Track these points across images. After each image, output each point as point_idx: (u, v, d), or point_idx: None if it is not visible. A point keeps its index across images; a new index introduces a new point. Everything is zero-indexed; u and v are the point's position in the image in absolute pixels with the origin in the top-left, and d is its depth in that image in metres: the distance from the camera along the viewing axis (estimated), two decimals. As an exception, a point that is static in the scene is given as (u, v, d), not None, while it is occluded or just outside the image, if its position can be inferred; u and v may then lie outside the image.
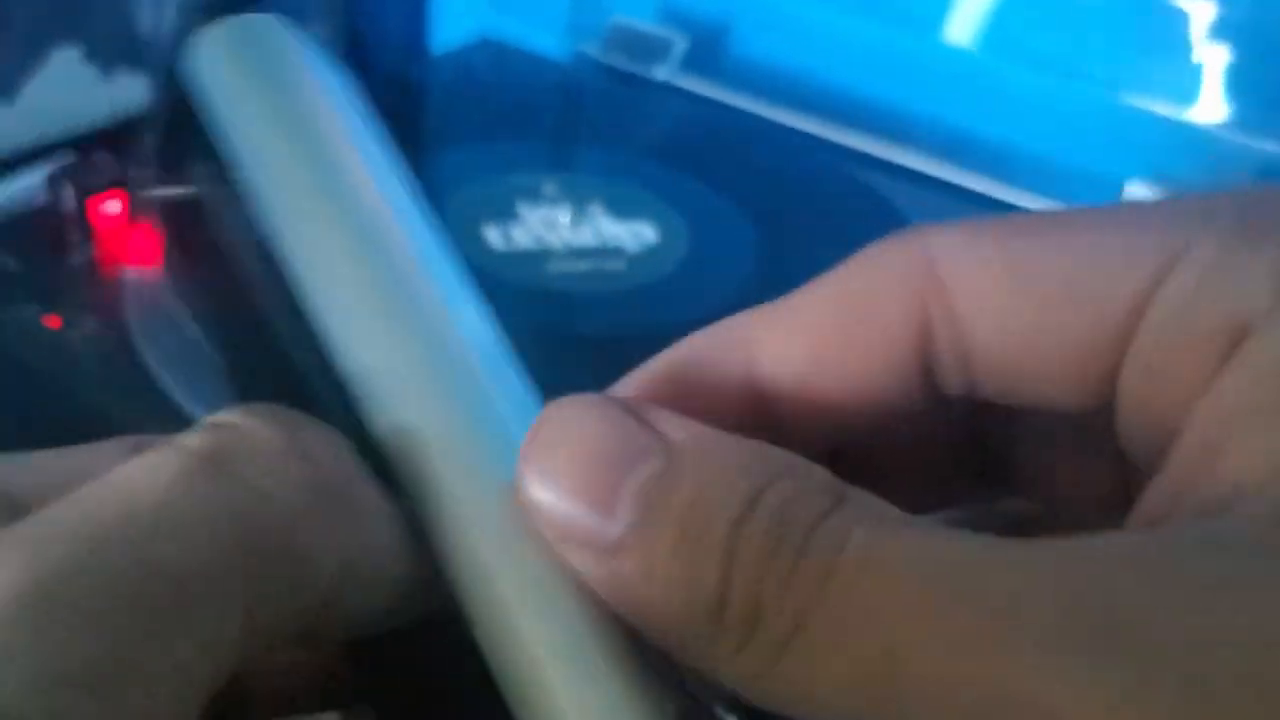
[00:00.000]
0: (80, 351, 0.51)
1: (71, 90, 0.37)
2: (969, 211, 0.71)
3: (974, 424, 0.25)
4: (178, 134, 0.35)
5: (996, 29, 0.76)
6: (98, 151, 0.59)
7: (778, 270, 0.60)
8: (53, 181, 0.56)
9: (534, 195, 0.63)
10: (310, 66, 0.24)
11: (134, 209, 0.57)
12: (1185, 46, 0.70)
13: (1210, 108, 0.71)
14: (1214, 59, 0.70)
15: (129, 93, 0.61)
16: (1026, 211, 0.73)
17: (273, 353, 0.24)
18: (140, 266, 0.54)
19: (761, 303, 0.27)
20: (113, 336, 0.52)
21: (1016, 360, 0.21)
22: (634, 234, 0.61)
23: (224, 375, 0.44)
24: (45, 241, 0.56)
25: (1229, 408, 0.18)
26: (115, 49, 0.61)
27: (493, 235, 0.59)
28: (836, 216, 0.67)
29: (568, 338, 0.55)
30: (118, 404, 0.49)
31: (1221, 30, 0.69)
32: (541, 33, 0.90)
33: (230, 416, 0.20)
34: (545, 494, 0.19)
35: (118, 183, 0.57)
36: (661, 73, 0.82)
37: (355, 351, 0.21)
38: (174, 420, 0.48)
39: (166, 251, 0.54)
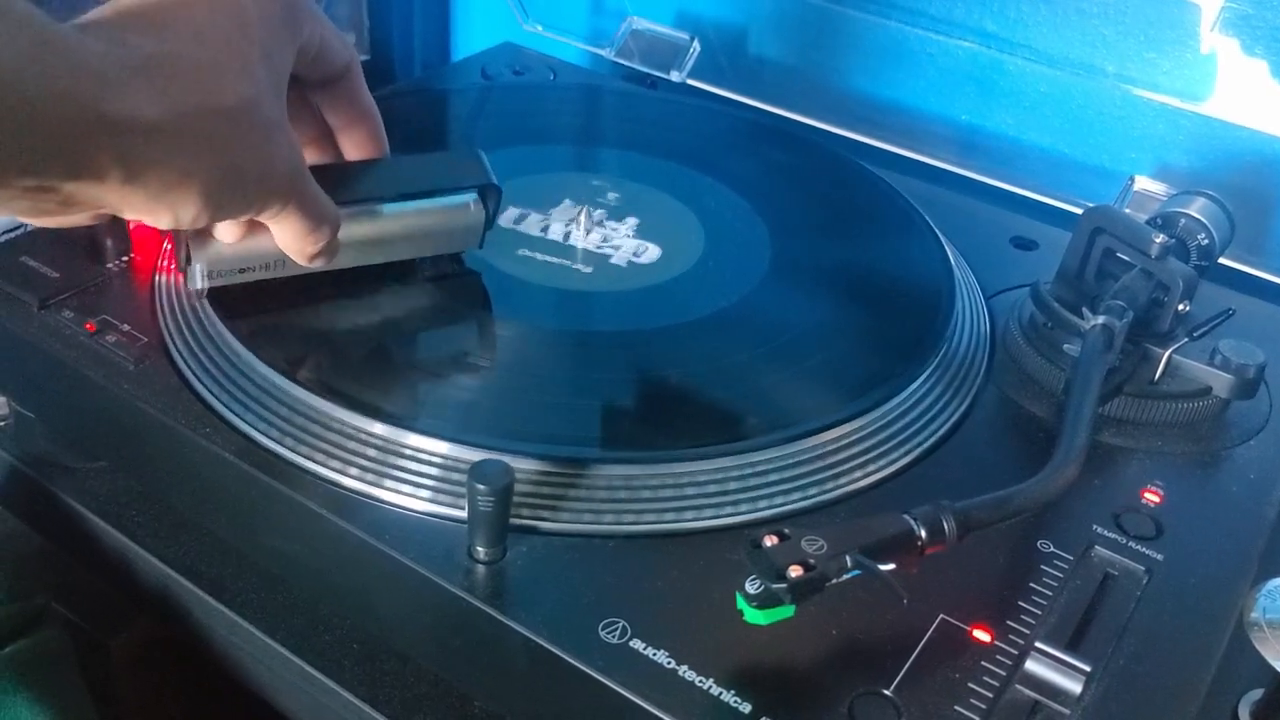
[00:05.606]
0: (117, 354, 0.52)
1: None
2: (980, 207, 0.72)
3: None
4: None
5: (1006, 24, 0.76)
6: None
7: (791, 266, 0.61)
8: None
9: (554, 195, 0.64)
10: None
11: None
12: (1195, 40, 0.70)
13: (1221, 101, 0.70)
14: (1225, 52, 0.69)
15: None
16: (1036, 206, 0.74)
17: None
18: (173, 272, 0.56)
19: (775, 297, 0.26)
20: (147, 339, 0.53)
21: None
22: (650, 233, 0.62)
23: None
24: (82, 249, 0.58)
25: None
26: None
27: (507, 233, 0.61)
28: (849, 214, 0.67)
29: (585, 334, 0.56)
30: (153, 404, 0.50)
31: (1232, 23, 0.69)
32: (561, 37, 0.91)
33: None
34: None
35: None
36: (678, 74, 0.83)
37: None
38: (206, 420, 0.49)
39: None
